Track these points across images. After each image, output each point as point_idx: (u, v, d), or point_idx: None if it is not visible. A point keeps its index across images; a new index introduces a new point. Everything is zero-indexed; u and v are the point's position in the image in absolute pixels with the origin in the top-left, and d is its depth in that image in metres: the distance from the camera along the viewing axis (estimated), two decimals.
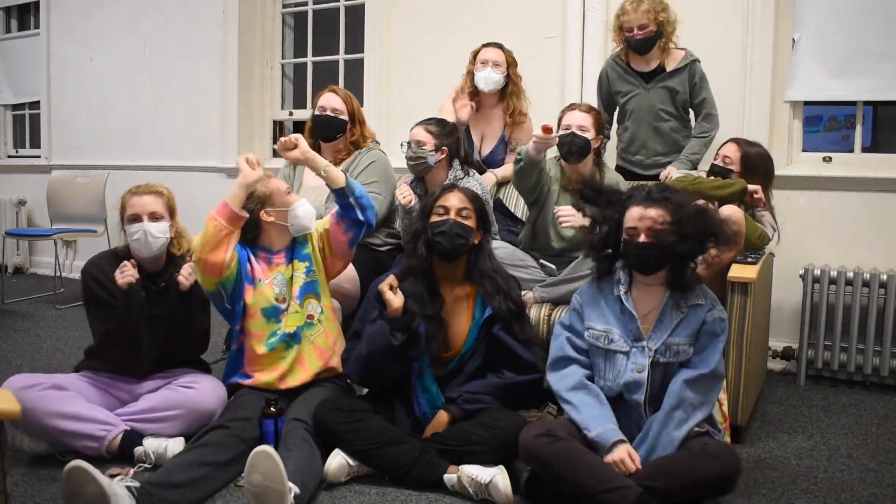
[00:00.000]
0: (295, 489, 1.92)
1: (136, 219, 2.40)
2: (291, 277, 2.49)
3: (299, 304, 2.47)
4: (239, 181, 2.37)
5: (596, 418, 2.00)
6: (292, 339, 2.45)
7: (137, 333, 2.34)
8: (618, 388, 2.06)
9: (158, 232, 2.40)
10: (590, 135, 2.81)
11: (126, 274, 2.29)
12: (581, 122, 2.80)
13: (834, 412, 2.86)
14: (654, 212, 2.02)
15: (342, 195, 2.42)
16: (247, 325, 2.47)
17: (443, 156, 2.92)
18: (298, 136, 2.47)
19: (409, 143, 2.93)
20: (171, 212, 2.49)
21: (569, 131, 2.80)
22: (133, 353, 2.37)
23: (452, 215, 2.33)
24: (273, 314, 2.46)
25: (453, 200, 2.36)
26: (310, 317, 2.48)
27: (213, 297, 2.46)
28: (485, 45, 3.29)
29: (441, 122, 2.98)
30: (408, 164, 2.95)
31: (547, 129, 2.57)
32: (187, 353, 2.50)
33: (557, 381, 2.11)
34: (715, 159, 2.91)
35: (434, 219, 2.35)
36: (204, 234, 2.33)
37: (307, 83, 4.89)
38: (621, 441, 1.95)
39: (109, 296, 2.35)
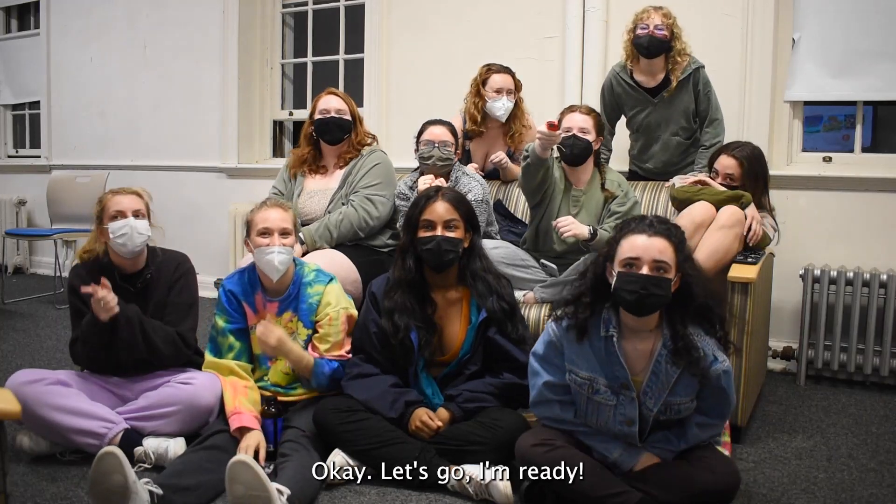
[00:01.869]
0: (287, 491, 1.91)
1: (121, 215, 2.37)
2: (288, 332, 2.40)
3: (292, 369, 2.42)
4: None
5: (609, 441, 1.97)
6: (284, 389, 2.44)
7: (106, 345, 2.34)
8: (605, 432, 1.98)
9: (143, 229, 2.39)
10: (591, 137, 2.79)
11: (108, 306, 2.24)
12: (582, 125, 2.78)
13: (834, 412, 2.86)
14: (659, 242, 1.82)
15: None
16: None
17: (458, 158, 3.04)
18: (275, 331, 2.31)
19: (433, 143, 2.95)
20: (148, 214, 2.46)
21: (570, 134, 2.78)
22: (105, 358, 2.38)
23: (439, 230, 2.28)
24: (263, 360, 2.46)
25: (439, 211, 2.29)
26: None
27: None
28: (493, 72, 3.25)
29: (452, 125, 3.06)
30: (432, 164, 2.95)
31: (552, 126, 2.54)
32: (163, 357, 2.41)
33: (550, 421, 2.02)
34: (714, 176, 2.82)
35: (421, 234, 2.29)
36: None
37: (307, 83, 4.89)
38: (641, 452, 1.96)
39: (85, 306, 2.36)
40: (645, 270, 1.82)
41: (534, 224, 2.93)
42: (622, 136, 3.39)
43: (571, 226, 2.68)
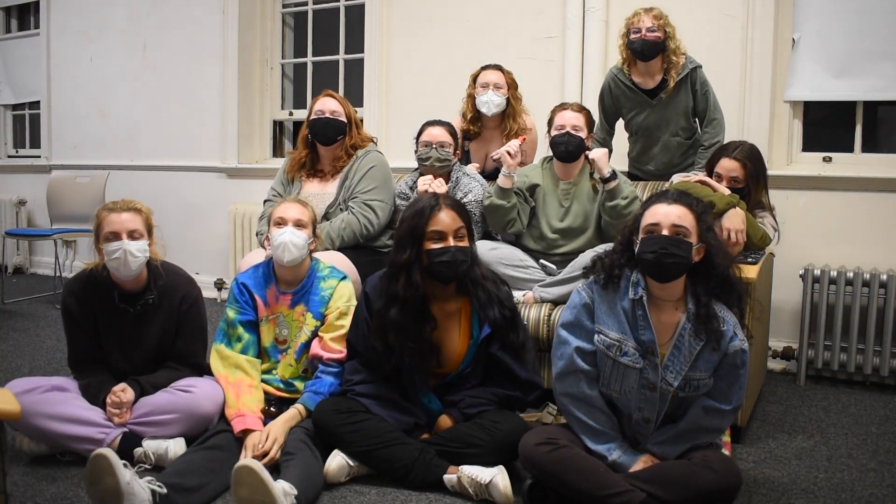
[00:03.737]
0: (293, 491, 1.90)
1: (115, 237, 2.29)
2: (298, 325, 2.45)
3: (296, 359, 2.44)
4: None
5: (611, 442, 1.99)
6: (287, 386, 2.44)
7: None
8: (623, 404, 2.00)
9: (138, 251, 2.30)
10: (583, 133, 2.82)
11: (121, 420, 2.26)
12: (575, 122, 2.80)
13: (834, 412, 2.86)
14: (677, 208, 1.92)
15: None
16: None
17: (457, 158, 3.04)
18: (267, 448, 2.18)
19: (431, 144, 2.96)
20: (149, 230, 2.38)
21: (564, 131, 2.80)
22: (103, 376, 2.38)
23: (451, 241, 2.20)
24: (273, 353, 2.47)
25: (447, 221, 2.21)
26: (304, 371, 2.45)
27: None
28: (484, 68, 3.27)
29: (451, 125, 3.07)
30: (430, 165, 2.97)
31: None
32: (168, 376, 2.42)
33: (568, 399, 2.01)
34: (718, 180, 2.76)
35: (431, 246, 2.19)
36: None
37: (307, 83, 4.90)
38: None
39: (80, 330, 2.38)
40: (665, 232, 1.90)
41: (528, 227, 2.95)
42: (621, 137, 3.39)
43: (600, 157, 2.78)
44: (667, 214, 1.91)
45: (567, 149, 2.81)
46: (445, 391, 2.30)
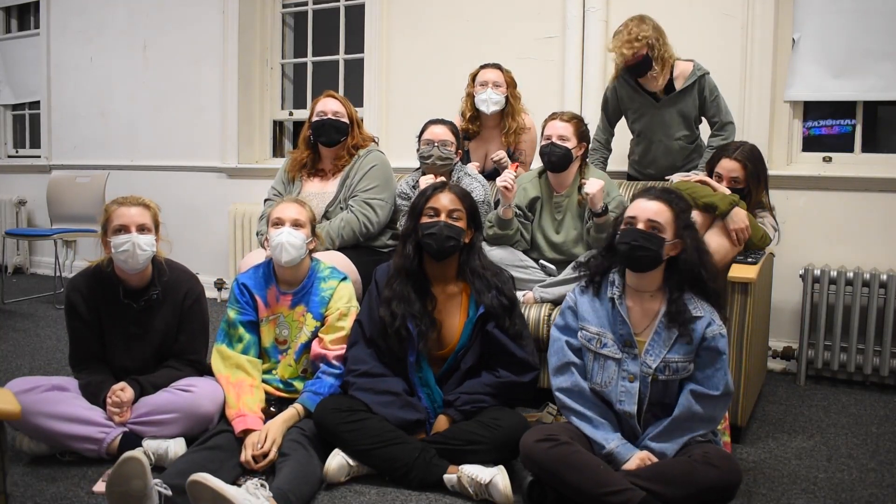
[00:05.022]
0: (265, 492, 1.89)
1: (124, 230, 2.32)
2: (298, 325, 2.46)
3: (295, 360, 2.45)
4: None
5: (610, 432, 2.02)
6: (287, 386, 2.45)
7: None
8: (607, 396, 2.05)
9: (146, 244, 2.33)
10: (570, 144, 2.80)
11: (122, 419, 2.27)
12: (561, 132, 2.80)
13: (834, 412, 2.87)
14: (655, 205, 2.02)
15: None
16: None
17: (459, 157, 3.05)
18: (265, 451, 2.17)
19: (433, 142, 2.97)
20: (156, 226, 2.41)
21: (549, 141, 2.81)
22: (104, 374, 2.38)
23: (443, 217, 2.31)
24: (273, 353, 2.47)
25: (444, 201, 2.34)
26: (304, 371, 2.47)
27: None
28: (483, 67, 3.28)
29: (454, 125, 3.08)
30: (432, 164, 2.97)
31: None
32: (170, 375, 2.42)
33: (564, 393, 2.08)
34: (719, 180, 2.76)
35: (424, 220, 2.33)
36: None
37: (307, 83, 4.90)
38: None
39: (83, 327, 2.38)
40: (641, 226, 2.00)
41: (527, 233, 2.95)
42: (621, 138, 3.39)
43: (595, 192, 2.67)
44: (644, 209, 2.02)
45: (550, 159, 2.82)
46: (444, 380, 2.33)
